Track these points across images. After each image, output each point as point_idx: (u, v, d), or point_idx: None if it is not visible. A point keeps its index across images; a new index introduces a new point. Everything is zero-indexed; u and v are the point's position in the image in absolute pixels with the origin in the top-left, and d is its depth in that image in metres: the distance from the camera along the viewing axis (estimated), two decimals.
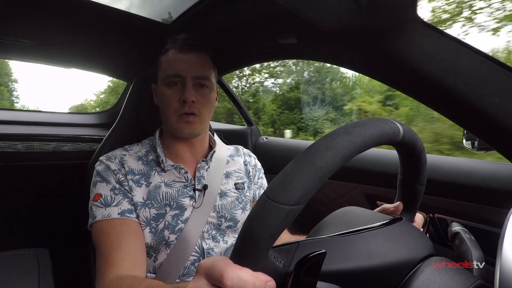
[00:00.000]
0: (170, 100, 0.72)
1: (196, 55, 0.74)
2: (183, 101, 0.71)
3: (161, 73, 0.75)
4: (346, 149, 0.29)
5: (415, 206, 0.47)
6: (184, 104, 0.71)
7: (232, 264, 0.27)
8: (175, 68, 0.72)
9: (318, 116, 6.31)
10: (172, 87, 0.73)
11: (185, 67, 0.72)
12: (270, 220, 0.26)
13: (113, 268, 0.59)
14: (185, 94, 0.71)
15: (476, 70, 0.54)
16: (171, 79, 0.72)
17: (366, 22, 0.60)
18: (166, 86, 0.73)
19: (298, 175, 0.27)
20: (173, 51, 0.74)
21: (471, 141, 0.71)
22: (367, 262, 0.32)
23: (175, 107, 0.72)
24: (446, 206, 0.85)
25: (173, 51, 0.74)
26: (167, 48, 0.76)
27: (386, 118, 0.35)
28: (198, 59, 0.75)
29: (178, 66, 0.72)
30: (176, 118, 0.73)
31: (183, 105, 0.71)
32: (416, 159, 0.41)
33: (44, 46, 1.04)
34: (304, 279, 0.26)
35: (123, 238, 0.64)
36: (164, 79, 0.73)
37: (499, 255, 0.31)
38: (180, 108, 0.72)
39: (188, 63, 0.73)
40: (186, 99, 0.70)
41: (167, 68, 0.74)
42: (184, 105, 0.71)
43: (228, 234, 0.78)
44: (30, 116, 1.30)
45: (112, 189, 0.69)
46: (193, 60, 0.74)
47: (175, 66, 0.73)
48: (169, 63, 0.74)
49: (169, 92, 0.73)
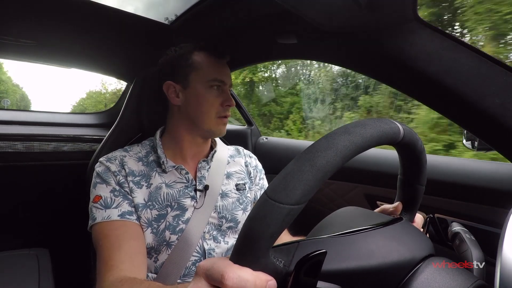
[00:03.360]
0: (213, 102, 0.76)
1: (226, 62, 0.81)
2: (227, 105, 0.76)
3: (201, 74, 0.76)
4: (347, 148, 0.29)
5: (415, 206, 0.47)
6: (227, 108, 0.77)
7: (232, 264, 0.26)
8: (220, 73, 0.77)
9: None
10: (214, 90, 0.76)
11: (227, 73, 0.79)
12: (270, 220, 0.26)
13: (113, 270, 0.59)
14: (230, 100, 0.77)
15: (476, 70, 0.54)
16: (216, 83, 0.76)
17: (366, 22, 0.60)
18: (209, 88, 0.75)
19: (298, 175, 0.27)
20: (208, 54, 0.77)
21: (471, 141, 0.71)
22: (367, 262, 0.32)
23: (217, 110, 0.76)
24: (446, 206, 0.85)
25: (209, 55, 0.77)
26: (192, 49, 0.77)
27: (387, 118, 0.35)
28: (227, 66, 0.81)
29: (222, 71, 0.78)
30: (216, 120, 0.76)
31: (226, 109, 0.77)
32: (416, 159, 0.41)
33: (44, 46, 1.04)
34: (304, 279, 0.26)
35: (122, 240, 0.64)
36: (208, 82, 0.75)
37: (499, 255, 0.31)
38: (222, 111, 0.76)
39: (228, 71, 0.80)
40: (232, 104, 0.77)
41: (210, 71, 0.76)
42: (226, 109, 0.77)
43: (228, 234, 0.78)
44: (30, 116, 1.30)
45: (112, 191, 0.69)
46: (227, 67, 0.81)
47: (220, 70, 0.77)
48: (212, 66, 0.76)
49: (212, 95, 0.76)
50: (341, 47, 0.73)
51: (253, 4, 0.74)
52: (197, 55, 0.77)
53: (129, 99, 0.94)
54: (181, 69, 0.77)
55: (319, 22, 0.63)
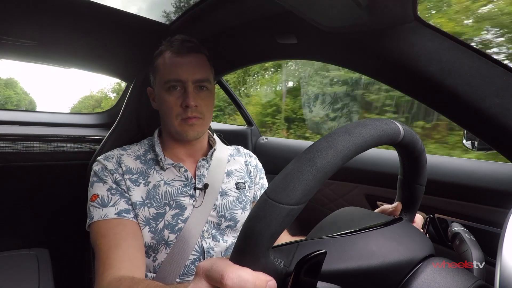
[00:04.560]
0: (172, 105, 0.71)
1: (194, 57, 0.73)
2: (185, 106, 0.70)
3: (159, 77, 0.73)
4: (347, 149, 0.29)
5: (415, 207, 0.47)
6: (187, 108, 0.71)
7: (232, 264, 0.26)
8: (174, 73, 0.71)
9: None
10: (172, 91, 0.71)
11: (185, 71, 0.71)
12: (270, 220, 0.26)
13: (112, 269, 0.59)
14: (188, 99, 0.70)
15: (476, 70, 0.54)
16: (171, 83, 0.71)
17: (366, 22, 0.60)
18: (166, 91, 0.72)
19: (298, 175, 0.27)
20: (170, 54, 0.73)
21: (471, 141, 0.71)
22: (367, 262, 0.32)
23: (177, 112, 0.71)
24: (446, 206, 0.85)
25: (170, 54, 0.73)
26: (162, 50, 0.75)
27: (387, 119, 0.35)
28: (197, 61, 0.73)
29: (178, 70, 0.71)
30: (179, 122, 0.72)
31: (186, 110, 0.71)
32: (416, 159, 0.41)
33: (44, 46, 1.04)
34: (304, 279, 0.26)
35: (120, 239, 0.63)
36: (164, 84, 0.72)
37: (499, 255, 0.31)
38: (182, 113, 0.71)
39: (188, 67, 0.71)
40: (189, 104, 0.70)
41: (165, 72, 0.72)
42: (186, 109, 0.71)
43: (227, 233, 0.78)
44: (30, 116, 1.30)
45: (109, 189, 0.68)
46: (192, 63, 0.72)
47: (174, 70, 0.71)
48: (167, 67, 0.72)
49: (170, 97, 0.71)
50: (341, 47, 0.73)
51: (253, 4, 0.74)
52: (162, 56, 0.74)
53: (129, 99, 0.94)
54: (151, 73, 0.78)
55: (319, 22, 0.63)
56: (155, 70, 0.75)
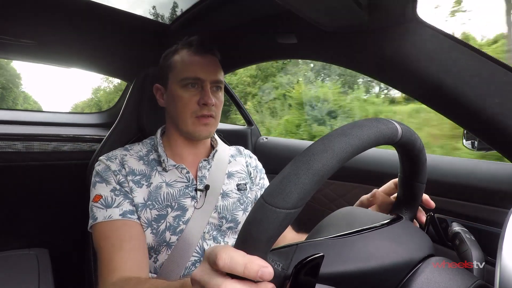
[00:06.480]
0: (187, 101, 0.72)
1: (211, 58, 0.76)
2: (203, 104, 0.71)
3: (175, 74, 0.74)
4: (343, 151, 0.29)
5: (416, 205, 0.47)
6: (204, 106, 0.72)
7: (229, 247, 0.27)
8: (193, 71, 0.72)
9: None
10: (189, 89, 0.72)
11: (205, 70, 0.73)
12: (267, 224, 0.26)
13: (116, 271, 0.59)
14: (206, 98, 0.71)
15: (476, 70, 0.54)
16: (189, 81, 0.72)
17: (366, 22, 0.60)
18: (183, 88, 0.73)
19: (294, 179, 0.27)
20: (188, 52, 0.74)
21: (471, 141, 0.71)
22: (366, 264, 0.32)
23: (193, 109, 0.72)
24: (446, 206, 0.85)
25: (189, 52, 0.74)
26: (177, 49, 0.76)
27: (384, 118, 0.35)
28: (213, 62, 0.76)
29: (197, 68, 0.72)
30: (193, 120, 0.73)
31: (202, 108, 0.72)
32: (415, 157, 0.41)
33: (44, 46, 1.04)
34: (302, 282, 0.26)
35: (124, 240, 0.63)
36: (181, 81, 0.73)
37: (499, 255, 0.31)
38: (198, 110, 0.72)
39: (208, 67, 0.74)
40: (208, 102, 0.71)
41: (183, 69, 0.73)
42: (203, 107, 0.72)
43: (228, 235, 0.78)
44: (30, 116, 1.30)
45: (113, 190, 0.68)
46: (211, 63, 0.75)
47: (193, 68, 0.72)
48: (186, 64, 0.73)
49: (186, 94, 0.72)
50: (341, 47, 0.73)
51: (253, 4, 0.74)
52: (179, 54, 0.75)
53: (129, 99, 0.94)
54: (163, 70, 0.78)
55: (319, 22, 0.63)
56: (169, 66, 0.76)
